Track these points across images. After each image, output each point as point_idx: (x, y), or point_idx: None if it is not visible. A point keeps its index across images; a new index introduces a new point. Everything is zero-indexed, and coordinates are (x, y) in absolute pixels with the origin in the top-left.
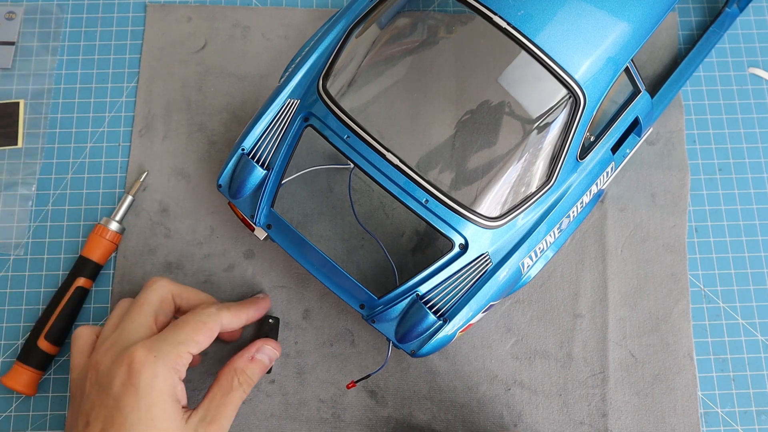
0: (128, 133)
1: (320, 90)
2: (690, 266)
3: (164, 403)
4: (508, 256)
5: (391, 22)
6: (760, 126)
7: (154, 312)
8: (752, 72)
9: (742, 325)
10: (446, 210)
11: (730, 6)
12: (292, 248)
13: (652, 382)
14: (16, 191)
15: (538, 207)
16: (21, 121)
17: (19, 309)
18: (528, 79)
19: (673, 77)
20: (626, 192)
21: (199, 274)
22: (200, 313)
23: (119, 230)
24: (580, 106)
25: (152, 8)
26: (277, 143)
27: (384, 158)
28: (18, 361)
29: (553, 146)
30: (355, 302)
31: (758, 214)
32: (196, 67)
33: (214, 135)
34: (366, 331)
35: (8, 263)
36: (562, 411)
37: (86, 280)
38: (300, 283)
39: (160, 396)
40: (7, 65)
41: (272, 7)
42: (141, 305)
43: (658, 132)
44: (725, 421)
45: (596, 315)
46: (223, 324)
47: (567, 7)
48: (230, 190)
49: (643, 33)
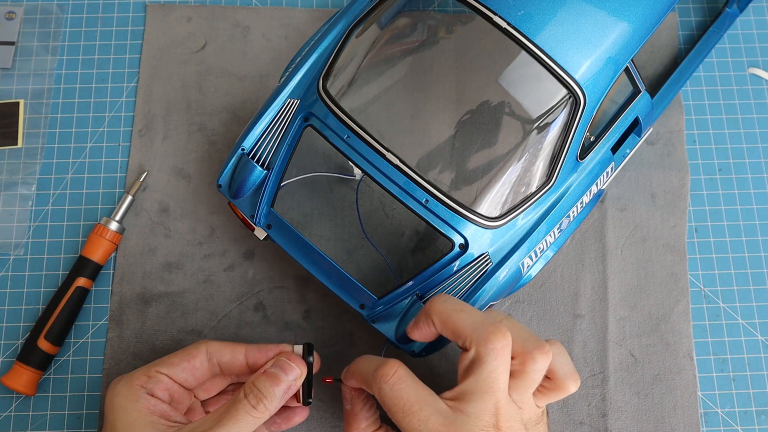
0: (128, 133)
1: (320, 90)
2: (690, 266)
3: (127, 417)
4: (508, 256)
5: (391, 22)
6: (760, 126)
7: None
8: (752, 72)
9: (742, 325)
10: (446, 210)
11: (730, 6)
12: (292, 248)
13: (652, 382)
14: (16, 191)
15: (538, 207)
16: (21, 121)
17: (19, 309)
18: (528, 79)
19: (673, 77)
20: (626, 192)
21: (199, 274)
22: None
23: (119, 230)
24: (580, 106)
25: (152, 8)
26: (277, 143)
27: (384, 158)
28: (18, 361)
29: (553, 146)
30: (355, 302)
31: (758, 214)
32: (196, 67)
33: (214, 135)
34: (366, 332)
35: (8, 263)
36: (562, 411)
37: (86, 280)
38: (300, 283)
39: (123, 412)
40: (7, 65)
41: (272, 7)
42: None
43: (658, 132)
44: (725, 421)
45: (596, 315)
46: (209, 351)
47: (567, 7)
48: (230, 190)
49: (643, 33)
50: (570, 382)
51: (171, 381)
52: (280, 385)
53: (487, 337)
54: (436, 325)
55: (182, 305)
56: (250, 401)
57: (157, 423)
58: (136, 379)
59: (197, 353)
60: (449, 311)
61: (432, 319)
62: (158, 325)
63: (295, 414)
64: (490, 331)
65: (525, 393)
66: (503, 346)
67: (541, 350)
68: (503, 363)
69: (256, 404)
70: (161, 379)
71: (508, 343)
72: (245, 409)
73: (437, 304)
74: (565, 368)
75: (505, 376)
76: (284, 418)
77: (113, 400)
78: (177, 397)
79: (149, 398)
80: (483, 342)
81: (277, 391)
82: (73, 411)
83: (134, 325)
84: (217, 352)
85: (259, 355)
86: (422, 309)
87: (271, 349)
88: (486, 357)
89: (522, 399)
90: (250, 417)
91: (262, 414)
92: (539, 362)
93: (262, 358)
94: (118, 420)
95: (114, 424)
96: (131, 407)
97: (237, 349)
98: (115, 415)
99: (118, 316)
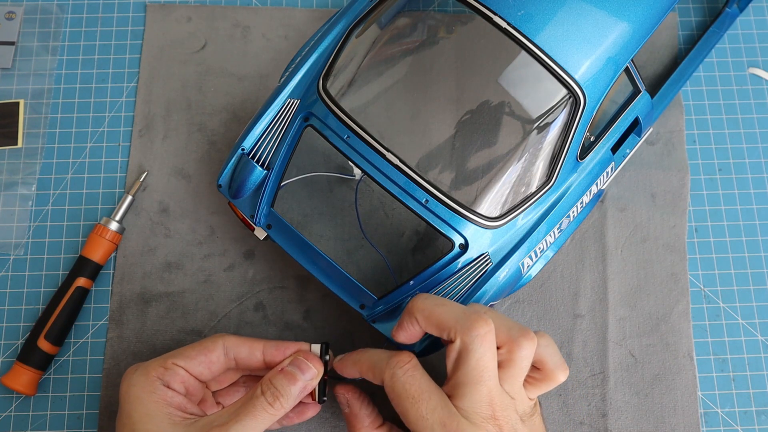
0: (128, 133)
1: (320, 90)
2: (690, 266)
3: (144, 407)
4: (508, 256)
5: (391, 22)
6: (760, 126)
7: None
8: (752, 72)
9: (742, 325)
10: (446, 210)
11: (730, 6)
12: (292, 248)
13: (652, 382)
14: (16, 191)
15: (538, 207)
16: (21, 121)
17: (19, 309)
18: (528, 79)
19: (673, 77)
20: (626, 192)
21: (199, 274)
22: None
23: (119, 230)
24: (580, 106)
25: (152, 8)
26: (277, 143)
27: (384, 158)
28: (18, 361)
29: (553, 146)
30: (355, 302)
31: (758, 214)
32: (196, 67)
33: (214, 135)
34: (366, 332)
35: (8, 263)
36: (562, 411)
37: (86, 280)
38: (300, 283)
39: (139, 403)
40: (7, 65)
41: (272, 7)
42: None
43: (658, 132)
44: (725, 421)
45: (596, 315)
46: (226, 346)
47: (567, 7)
48: (230, 190)
49: (643, 33)
50: (559, 371)
51: (187, 374)
52: (296, 384)
53: (471, 325)
54: (420, 322)
55: (182, 305)
56: (267, 398)
57: (174, 415)
58: (153, 370)
59: (214, 347)
60: (431, 307)
61: (415, 317)
62: (158, 325)
63: (308, 409)
64: (473, 319)
65: (515, 382)
66: (486, 332)
67: (527, 336)
68: (489, 349)
69: (273, 402)
70: (178, 371)
71: (491, 329)
72: (262, 405)
73: (419, 302)
74: (554, 358)
75: (493, 363)
76: (297, 413)
77: (129, 390)
78: (192, 390)
79: (166, 390)
80: (467, 330)
81: (294, 390)
82: (73, 411)
83: (134, 325)
84: (235, 347)
85: (276, 353)
86: (405, 309)
87: (289, 347)
88: (471, 344)
89: (513, 389)
90: (267, 414)
91: (278, 411)
92: (525, 348)
93: (280, 356)
94: (134, 411)
95: (130, 414)
96: (147, 398)
97: (255, 345)
98: (132, 406)
99: (118, 316)
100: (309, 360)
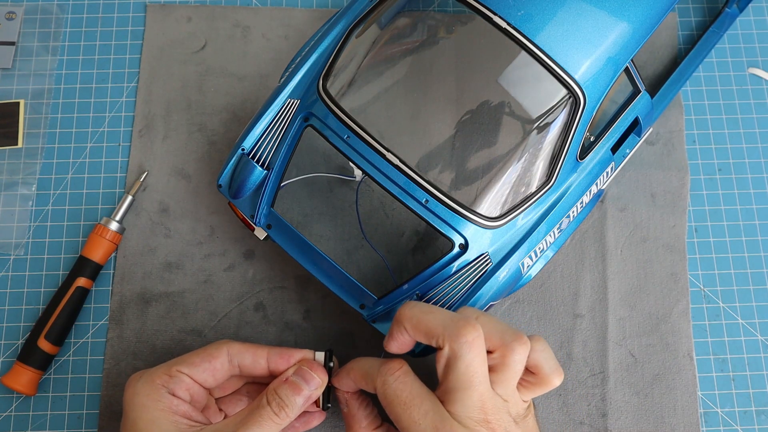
0: (128, 133)
1: (320, 90)
2: (690, 266)
3: (149, 415)
4: (508, 256)
5: (391, 22)
6: (760, 126)
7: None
8: (752, 72)
9: (742, 325)
10: (446, 210)
11: (730, 6)
12: (292, 248)
13: (652, 382)
14: (16, 191)
15: (538, 207)
16: (21, 121)
17: (19, 309)
18: (528, 79)
19: (673, 77)
20: (626, 192)
21: (199, 274)
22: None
23: (119, 230)
24: (580, 106)
25: (152, 8)
26: (277, 143)
27: (384, 158)
28: (18, 361)
29: (553, 146)
30: (355, 302)
31: (758, 214)
32: (196, 67)
33: (214, 135)
34: (366, 332)
35: (8, 263)
36: (561, 411)
37: (86, 280)
38: (300, 283)
39: (145, 410)
40: (7, 65)
41: (272, 7)
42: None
43: (658, 132)
44: (725, 421)
45: (596, 315)
46: (230, 353)
47: (567, 7)
48: (230, 190)
49: (643, 33)
50: (554, 376)
51: (191, 381)
52: (301, 395)
53: (458, 332)
54: (409, 330)
55: (182, 305)
56: (273, 408)
57: (179, 422)
58: (158, 377)
59: (218, 354)
60: (419, 315)
61: (404, 325)
62: (158, 325)
63: (314, 418)
64: (460, 326)
65: (509, 386)
66: (475, 337)
67: (519, 340)
68: (478, 355)
69: (278, 412)
70: (182, 378)
71: (479, 334)
72: (268, 415)
73: (406, 310)
74: (549, 363)
75: (483, 368)
76: (303, 422)
77: (134, 398)
78: (196, 397)
79: (171, 398)
80: (455, 337)
81: (299, 401)
82: (73, 411)
83: (134, 325)
84: (239, 354)
85: (280, 361)
86: (393, 319)
87: (293, 356)
88: (460, 351)
89: (507, 392)
90: (273, 423)
91: (284, 421)
92: (518, 352)
93: (284, 364)
94: (139, 419)
95: (135, 422)
96: (153, 406)
97: (259, 353)
98: (137, 414)
99: (118, 316)
100: (313, 369)
